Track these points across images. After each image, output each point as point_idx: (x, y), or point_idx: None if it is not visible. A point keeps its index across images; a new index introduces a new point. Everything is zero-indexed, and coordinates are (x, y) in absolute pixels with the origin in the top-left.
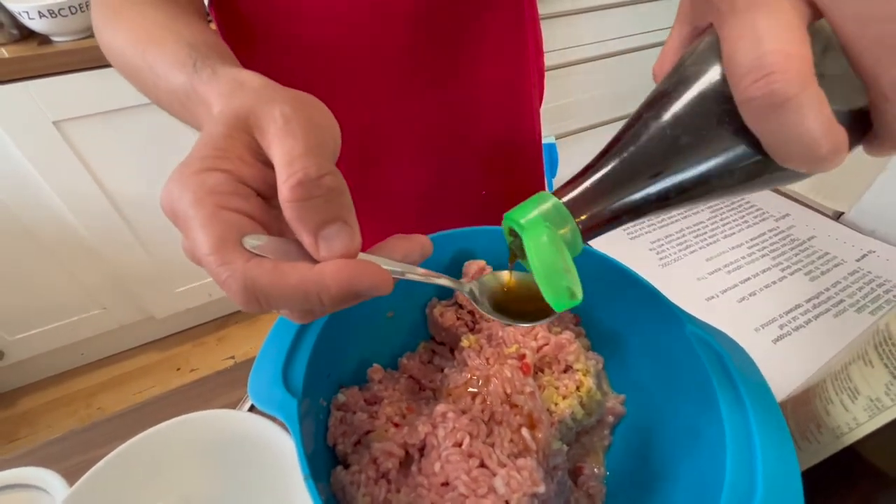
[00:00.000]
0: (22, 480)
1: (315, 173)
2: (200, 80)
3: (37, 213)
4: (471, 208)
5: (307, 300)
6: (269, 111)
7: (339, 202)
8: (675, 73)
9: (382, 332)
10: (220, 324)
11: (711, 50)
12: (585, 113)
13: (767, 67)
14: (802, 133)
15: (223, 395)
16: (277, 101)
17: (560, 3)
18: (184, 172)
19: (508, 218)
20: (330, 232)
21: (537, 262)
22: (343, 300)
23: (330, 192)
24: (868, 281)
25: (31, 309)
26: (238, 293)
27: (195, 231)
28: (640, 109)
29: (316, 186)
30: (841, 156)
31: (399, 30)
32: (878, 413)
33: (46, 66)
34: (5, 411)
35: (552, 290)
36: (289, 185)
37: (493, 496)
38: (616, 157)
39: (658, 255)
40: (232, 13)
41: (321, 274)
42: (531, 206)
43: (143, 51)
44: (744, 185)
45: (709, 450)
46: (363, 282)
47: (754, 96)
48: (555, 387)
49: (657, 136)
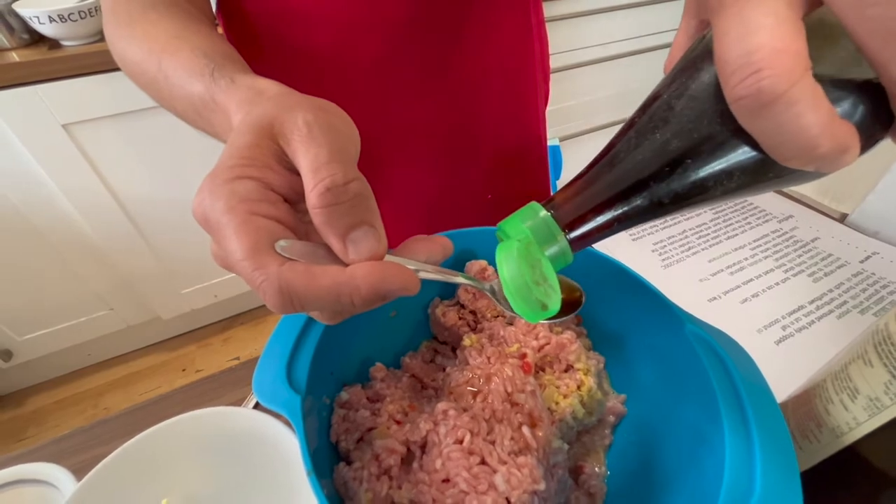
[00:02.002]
0: (32, 476)
1: (342, 180)
2: (219, 88)
3: (46, 214)
4: (477, 211)
5: (339, 302)
6: (292, 119)
7: (365, 206)
8: (670, 74)
9: (385, 331)
10: (226, 325)
11: (706, 47)
12: (590, 115)
13: (755, 65)
14: (797, 131)
15: (228, 394)
16: (299, 109)
17: (565, 5)
18: (214, 181)
19: (499, 228)
20: (357, 235)
21: (506, 276)
22: (373, 301)
23: (356, 198)
24: (872, 282)
25: (39, 309)
26: (274, 296)
27: (229, 238)
28: (634, 114)
29: (343, 192)
30: (849, 152)
31: (408, 36)
32: (878, 412)
33: (56, 69)
34: (14, 410)
35: (523, 302)
36: (317, 192)
37: (493, 493)
38: (606, 166)
39: (661, 256)
40: (239, 19)
41: (352, 276)
42: (519, 219)
43: (158, 60)
44: (747, 188)
45: (708, 449)
46: (393, 283)
47: (742, 95)
48: (556, 386)
49: (647, 142)
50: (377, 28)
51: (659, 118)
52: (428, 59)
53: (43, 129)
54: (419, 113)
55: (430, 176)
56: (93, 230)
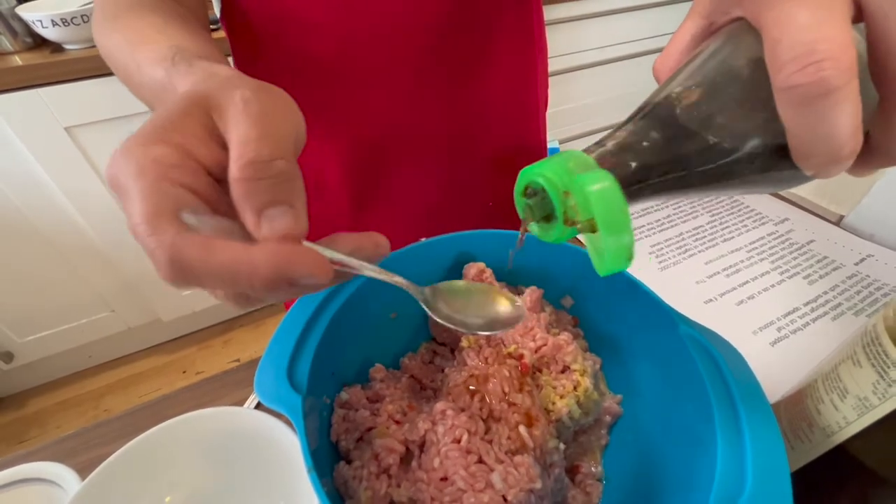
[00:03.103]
0: (37, 475)
1: (268, 156)
2: (177, 72)
3: (47, 216)
4: (477, 215)
5: (235, 281)
6: (230, 94)
7: (289, 186)
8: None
9: (385, 332)
10: (226, 327)
11: (739, 39)
12: (589, 118)
13: (820, 54)
14: (834, 129)
15: (230, 394)
16: (239, 87)
17: (564, 8)
18: (129, 144)
19: (534, 172)
20: (274, 213)
21: (604, 210)
22: (275, 285)
23: (280, 175)
24: (866, 284)
25: (40, 311)
26: (165, 266)
27: (132, 200)
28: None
29: (266, 168)
30: (849, 163)
31: (410, 45)
32: (866, 412)
33: (59, 73)
34: (15, 412)
35: (614, 246)
36: (239, 164)
37: (490, 491)
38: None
39: (658, 258)
40: (243, 25)
41: (252, 255)
42: (562, 160)
43: (132, 50)
44: (744, 181)
45: (701, 448)
46: (297, 268)
47: (799, 83)
48: (552, 386)
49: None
50: (380, 37)
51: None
52: (433, 68)
53: (45, 132)
54: (420, 119)
55: (430, 180)
56: (94, 232)
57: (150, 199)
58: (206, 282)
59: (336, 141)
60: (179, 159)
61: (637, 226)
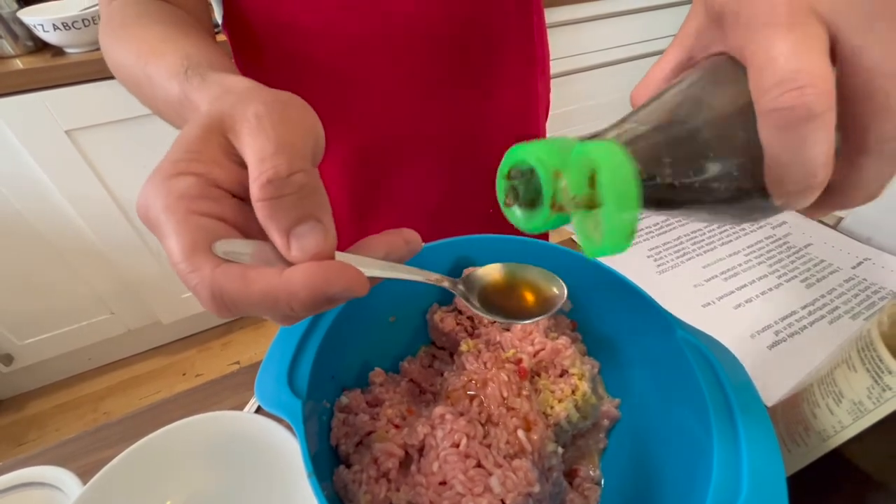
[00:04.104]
0: (38, 479)
1: (286, 171)
2: (192, 87)
3: (48, 219)
4: (478, 221)
5: (276, 307)
6: (242, 112)
7: (312, 200)
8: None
9: (384, 336)
10: (226, 329)
11: (718, 72)
12: (590, 120)
13: (803, 80)
14: (811, 154)
15: (230, 398)
16: (252, 102)
17: (566, 11)
18: (155, 178)
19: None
20: (302, 230)
21: (612, 177)
22: (317, 305)
23: (301, 189)
24: (863, 288)
25: (40, 313)
26: (208, 301)
27: (167, 238)
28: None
29: (286, 184)
30: (817, 195)
31: (415, 53)
32: (861, 416)
33: (60, 76)
34: (14, 415)
35: (618, 221)
36: (258, 183)
37: (489, 495)
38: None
39: (656, 262)
40: (245, 32)
41: (289, 281)
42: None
43: (144, 63)
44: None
45: (698, 452)
46: (334, 286)
47: (783, 106)
48: (551, 390)
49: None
50: (385, 45)
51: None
52: (437, 75)
53: (46, 135)
54: (422, 125)
55: (431, 186)
56: (95, 235)
57: (182, 236)
58: (248, 310)
59: (337, 147)
60: (203, 189)
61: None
